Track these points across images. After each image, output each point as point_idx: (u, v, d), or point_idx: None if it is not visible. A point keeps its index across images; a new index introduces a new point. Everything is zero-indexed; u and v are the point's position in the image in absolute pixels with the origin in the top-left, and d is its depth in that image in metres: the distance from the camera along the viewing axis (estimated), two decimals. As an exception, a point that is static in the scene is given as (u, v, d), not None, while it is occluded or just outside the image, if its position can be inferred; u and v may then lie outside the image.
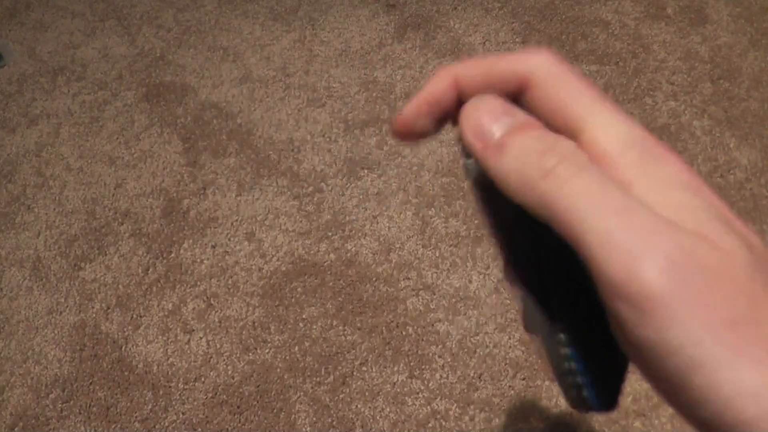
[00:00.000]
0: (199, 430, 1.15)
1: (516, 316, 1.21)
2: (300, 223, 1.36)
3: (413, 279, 1.27)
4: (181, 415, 1.16)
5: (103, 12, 1.78)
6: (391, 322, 1.22)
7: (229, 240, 1.35)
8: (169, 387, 1.19)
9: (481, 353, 1.18)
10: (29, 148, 1.53)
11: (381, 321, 1.22)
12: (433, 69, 1.58)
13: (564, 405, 1.12)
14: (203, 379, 1.19)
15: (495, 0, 1.70)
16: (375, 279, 1.27)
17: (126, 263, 1.33)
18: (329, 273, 1.29)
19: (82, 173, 1.48)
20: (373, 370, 1.18)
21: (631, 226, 0.18)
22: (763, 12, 1.62)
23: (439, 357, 1.18)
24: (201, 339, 1.23)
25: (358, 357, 1.19)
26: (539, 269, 0.22)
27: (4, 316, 1.29)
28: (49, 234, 1.39)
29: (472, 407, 1.13)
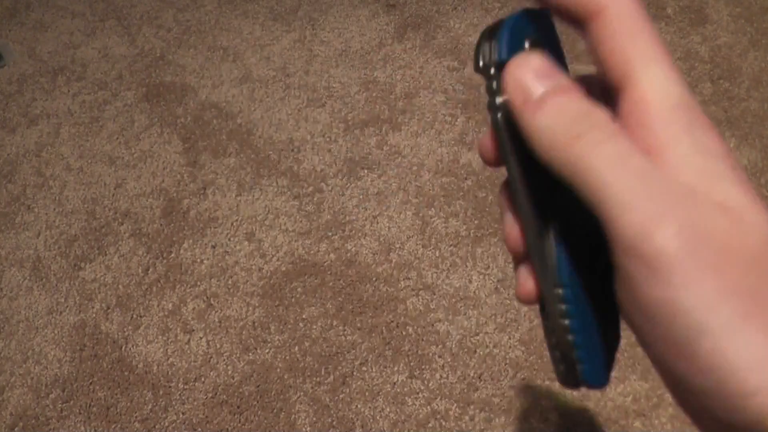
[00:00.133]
0: (199, 430, 1.15)
1: (516, 316, 1.21)
2: (300, 223, 1.36)
3: (413, 279, 1.27)
4: (181, 415, 1.16)
5: (103, 12, 1.78)
6: (391, 322, 1.22)
7: (229, 240, 1.35)
8: (169, 387, 1.19)
9: (481, 353, 1.18)
10: (29, 148, 1.53)
11: (381, 321, 1.22)
12: (433, 69, 1.58)
13: (564, 405, 1.12)
14: (203, 379, 1.19)
15: (495, 0, 1.70)
16: (375, 279, 1.27)
17: (126, 263, 1.33)
18: (329, 273, 1.29)
19: (82, 173, 1.48)
20: (373, 370, 1.18)
21: (653, 190, 0.18)
22: (763, 12, 1.62)
23: (439, 357, 1.18)
24: (201, 339, 1.23)
25: (358, 357, 1.19)
26: (547, 228, 0.23)
27: (4, 316, 1.29)
28: (49, 234, 1.39)
29: (472, 407, 1.13)
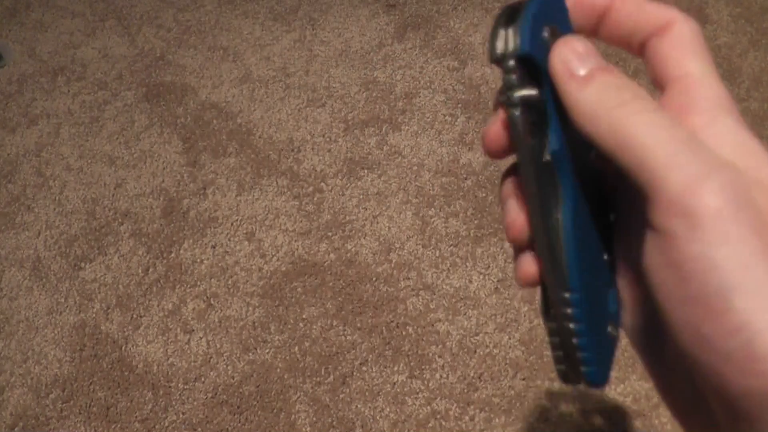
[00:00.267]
0: (199, 430, 1.15)
1: (516, 316, 1.21)
2: (300, 223, 1.36)
3: (413, 279, 1.27)
4: (181, 415, 1.16)
5: (103, 12, 1.78)
6: (391, 322, 1.22)
7: (229, 240, 1.35)
8: (169, 387, 1.19)
9: (481, 353, 1.18)
10: (29, 148, 1.53)
11: (381, 321, 1.22)
12: (433, 69, 1.58)
13: (564, 405, 1.12)
14: (203, 379, 1.19)
15: (495, 0, 1.70)
16: (375, 279, 1.27)
17: (126, 263, 1.33)
18: (329, 273, 1.29)
19: (82, 173, 1.48)
20: (373, 370, 1.18)
21: (697, 154, 0.19)
22: (763, 12, 1.62)
23: (439, 357, 1.18)
24: (201, 339, 1.23)
25: (358, 357, 1.19)
26: (558, 233, 0.23)
27: (4, 316, 1.29)
28: (49, 234, 1.39)
29: (472, 407, 1.13)
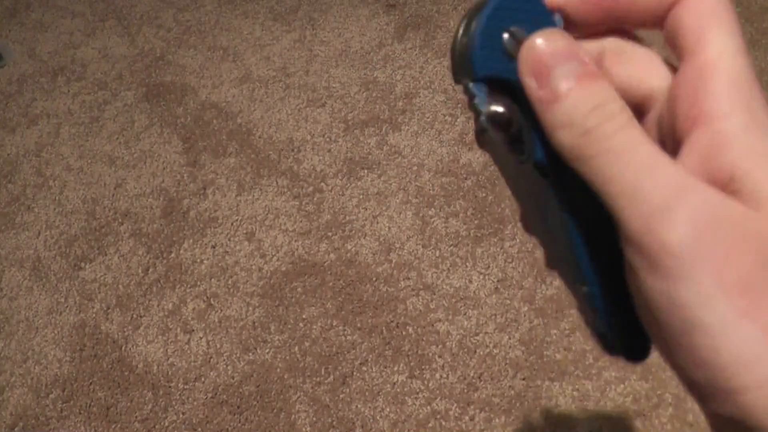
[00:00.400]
0: (199, 430, 1.15)
1: (516, 316, 1.21)
2: (300, 223, 1.36)
3: (413, 279, 1.27)
4: (181, 415, 1.16)
5: (103, 12, 1.78)
6: (391, 322, 1.22)
7: (229, 240, 1.35)
8: (169, 387, 1.19)
9: (481, 353, 1.18)
10: (29, 148, 1.53)
11: (381, 321, 1.22)
12: (433, 69, 1.58)
13: (564, 405, 1.12)
14: (203, 379, 1.19)
15: (495, 0, 1.70)
16: (375, 279, 1.27)
17: (126, 263, 1.33)
18: (329, 273, 1.29)
19: (82, 173, 1.48)
20: (373, 370, 1.18)
21: (659, 182, 0.18)
22: (763, 12, 1.62)
23: (439, 357, 1.18)
24: (201, 339, 1.23)
25: (358, 357, 1.19)
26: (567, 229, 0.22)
27: (4, 316, 1.29)
28: (49, 234, 1.39)
29: (472, 407, 1.13)
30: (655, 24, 0.22)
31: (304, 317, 1.24)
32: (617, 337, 0.23)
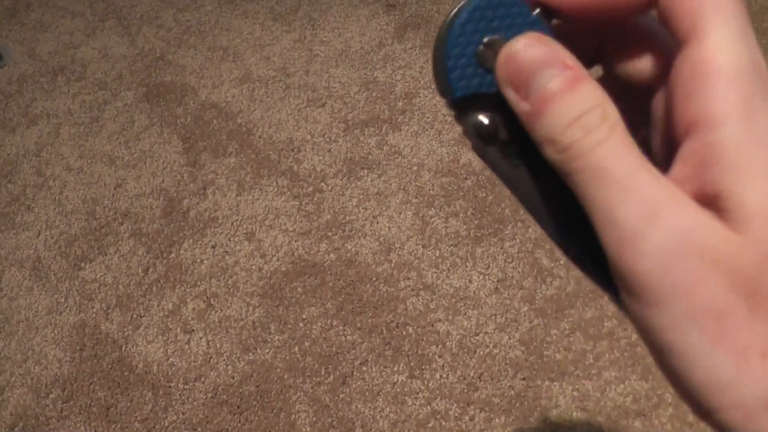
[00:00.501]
0: (199, 430, 1.15)
1: (516, 316, 1.21)
2: (300, 223, 1.36)
3: (413, 279, 1.27)
4: (181, 415, 1.16)
5: (103, 12, 1.78)
6: (391, 322, 1.22)
7: (229, 240, 1.35)
8: (169, 387, 1.19)
9: (481, 353, 1.18)
10: (29, 148, 1.53)
11: (381, 321, 1.22)
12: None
13: (564, 405, 1.12)
14: (203, 379, 1.19)
15: (495, 0, 1.70)
16: (375, 279, 1.27)
17: (126, 263, 1.33)
18: (329, 273, 1.29)
19: (82, 173, 1.48)
20: (373, 370, 1.18)
21: (632, 205, 0.18)
22: (763, 12, 1.62)
23: (439, 357, 1.18)
24: (201, 339, 1.23)
25: (358, 357, 1.19)
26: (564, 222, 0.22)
27: (4, 316, 1.29)
28: (49, 234, 1.39)
29: (472, 407, 1.13)
30: (646, 7, 0.20)
31: (304, 317, 1.24)
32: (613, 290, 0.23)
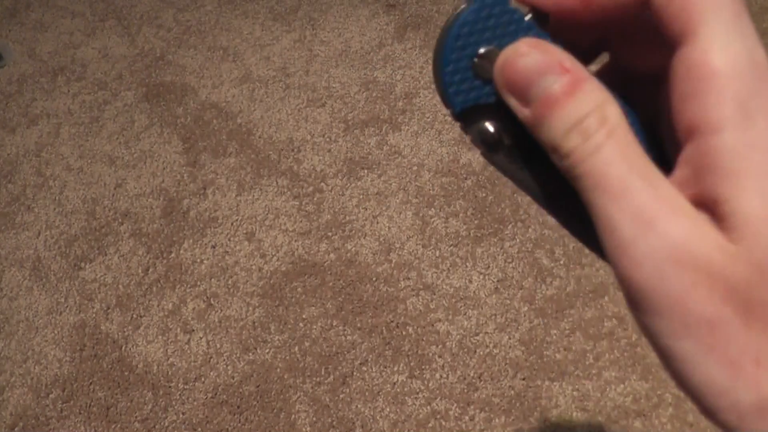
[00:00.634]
0: (199, 430, 1.15)
1: (516, 316, 1.21)
2: (300, 223, 1.36)
3: (413, 279, 1.27)
4: (181, 415, 1.16)
5: (103, 12, 1.78)
6: (391, 322, 1.22)
7: (229, 240, 1.35)
8: (169, 387, 1.19)
9: (481, 353, 1.18)
10: (29, 148, 1.53)
11: (381, 321, 1.22)
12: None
13: (564, 405, 1.12)
14: (203, 379, 1.19)
15: (495, 0, 1.70)
16: (375, 279, 1.27)
17: (126, 263, 1.33)
18: (329, 273, 1.29)
19: (82, 173, 1.48)
20: (373, 370, 1.18)
21: (627, 213, 0.18)
22: (763, 12, 1.62)
23: (439, 357, 1.18)
24: (201, 339, 1.23)
25: (358, 357, 1.19)
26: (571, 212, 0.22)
27: (4, 316, 1.29)
28: (49, 234, 1.39)
29: (472, 407, 1.13)
30: (639, 8, 0.19)
31: (304, 317, 1.24)
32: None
